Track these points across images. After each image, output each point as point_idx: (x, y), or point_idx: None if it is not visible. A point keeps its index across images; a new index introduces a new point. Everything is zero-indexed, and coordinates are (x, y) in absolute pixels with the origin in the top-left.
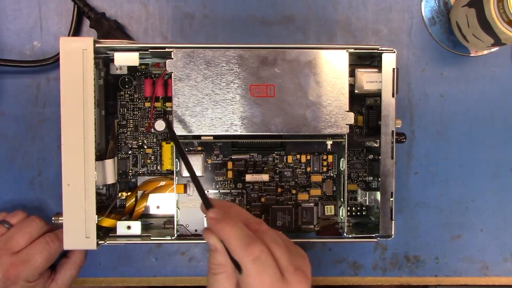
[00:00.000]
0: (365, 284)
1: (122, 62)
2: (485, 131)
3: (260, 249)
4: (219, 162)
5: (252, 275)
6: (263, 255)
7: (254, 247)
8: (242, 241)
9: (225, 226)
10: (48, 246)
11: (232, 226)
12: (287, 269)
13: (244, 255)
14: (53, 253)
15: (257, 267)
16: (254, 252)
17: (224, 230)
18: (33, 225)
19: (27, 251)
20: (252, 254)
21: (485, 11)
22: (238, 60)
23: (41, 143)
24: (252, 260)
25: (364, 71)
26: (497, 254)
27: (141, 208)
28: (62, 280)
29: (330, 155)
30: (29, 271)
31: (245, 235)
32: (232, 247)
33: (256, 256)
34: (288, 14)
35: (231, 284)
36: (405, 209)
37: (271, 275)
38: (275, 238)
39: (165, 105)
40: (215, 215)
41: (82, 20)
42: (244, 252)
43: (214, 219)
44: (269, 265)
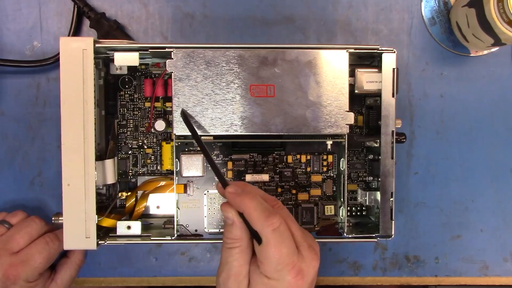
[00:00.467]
0: (365, 284)
1: (122, 62)
2: (485, 131)
3: (280, 220)
4: (219, 162)
5: (272, 244)
6: (282, 226)
7: (274, 218)
8: (263, 212)
9: (245, 198)
10: (47, 246)
11: (252, 199)
12: (302, 244)
13: (264, 225)
14: (52, 253)
15: (276, 237)
16: (274, 223)
17: (245, 202)
18: (33, 225)
19: (26, 251)
20: (272, 225)
21: (485, 11)
22: (238, 60)
23: (41, 143)
24: (272, 230)
25: (364, 71)
26: (497, 254)
27: (141, 208)
28: (62, 280)
29: (330, 155)
30: (29, 271)
31: (265, 208)
32: (253, 218)
33: (276, 226)
34: (288, 14)
35: (246, 259)
36: (405, 209)
37: (288, 246)
38: (289, 214)
39: (165, 105)
40: (235, 189)
41: (82, 20)
42: (264, 222)
43: (234, 193)
44: (287, 237)
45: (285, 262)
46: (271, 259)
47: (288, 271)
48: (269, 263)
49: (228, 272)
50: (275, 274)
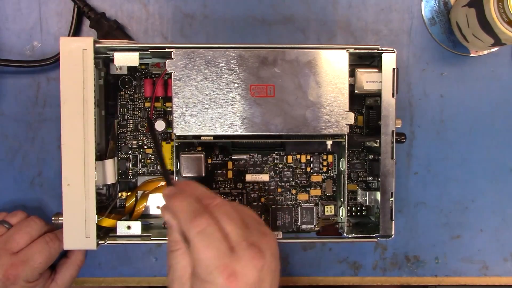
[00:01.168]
0: (365, 284)
1: (122, 62)
2: (485, 131)
3: (207, 222)
4: (219, 162)
5: (198, 247)
6: (209, 228)
7: (200, 220)
8: (189, 214)
9: (174, 200)
10: (47, 246)
11: (181, 200)
12: (238, 243)
13: (190, 227)
14: (52, 253)
15: (202, 239)
16: (200, 224)
17: (174, 205)
18: (33, 225)
19: (26, 251)
20: (197, 227)
21: (485, 11)
22: (238, 60)
23: (41, 143)
24: (197, 232)
25: (364, 71)
26: (497, 254)
27: (141, 208)
28: (62, 280)
29: (330, 155)
30: (29, 271)
31: (193, 209)
32: (180, 221)
33: (202, 228)
34: (288, 14)
35: (188, 261)
36: (405, 209)
37: (217, 248)
38: (228, 212)
39: (165, 105)
40: (169, 191)
41: (82, 20)
42: (189, 225)
43: (166, 195)
44: (215, 238)
45: (214, 264)
46: (200, 262)
47: (219, 273)
48: (199, 266)
49: (173, 275)
50: (207, 277)
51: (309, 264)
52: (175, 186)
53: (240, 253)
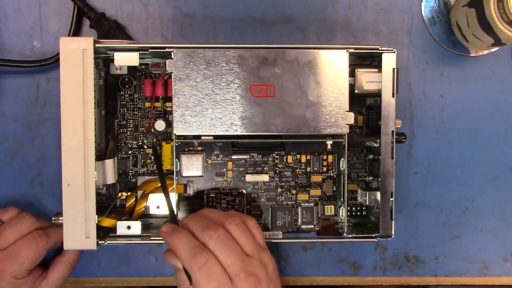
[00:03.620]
0: (365, 284)
1: (122, 62)
2: (485, 131)
3: (206, 257)
4: (219, 162)
5: (199, 282)
6: (209, 262)
7: (200, 256)
8: (189, 252)
9: (174, 239)
10: (35, 242)
11: (179, 239)
12: (237, 275)
13: (191, 264)
14: (40, 249)
15: (203, 274)
16: (200, 260)
17: (174, 243)
18: (23, 221)
19: (13, 247)
20: (197, 263)
21: (485, 11)
22: (238, 60)
23: (41, 143)
24: (198, 268)
25: (364, 71)
26: (497, 254)
27: (141, 208)
28: (54, 279)
29: (330, 155)
30: (16, 267)
31: (192, 246)
32: (181, 258)
33: (202, 264)
34: (288, 14)
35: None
36: (405, 209)
37: (218, 281)
38: (228, 244)
39: (165, 105)
40: (167, 229)
41: (82, 20)
42: (190, 262)
43: (164, 233)
44: (215, 272)
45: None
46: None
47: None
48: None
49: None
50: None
51: (309, 264)
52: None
53: (239, 284)
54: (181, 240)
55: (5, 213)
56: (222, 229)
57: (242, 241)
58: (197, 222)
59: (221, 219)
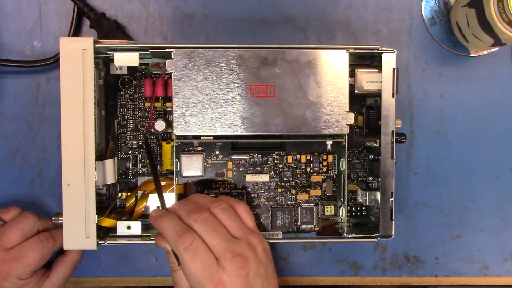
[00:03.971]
0: (365, 284)
1: (122, 62)
2: (485, 131)
3: (192, 238)
4: (219, 162)
5: (185, 262)
6: (194, 243)
7: (185, 237)
8: (175, 233)
9: (161, 222)
10: (41, 245)
11: (166, 222)
12: (223, 255)
13: (177, 245)
14: (46, 252)
15: (188, 254)
16: (185, 241)
17: (161, 227)
18: (25, 221)
19: (19, 248)
20: (183, 244)
21: (485, 11)
22: (238, 60)
23: (41, 143)
24: (183, 248)
25: (364, 71)
26: (497, 254)
27: (141, 208)
28: (57, 278)
29: (330, 155)
30: (21, 268)
31: (178, 228)
32: (168, 241)
33: (187, 244)
34: (288, 14)
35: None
36: (405, 209)
37: (203, 260)
38: (213, 226)
39: (165, 105)
40: (155, 213)
41: (82, 20)
42: (177, 243)
43: (153, 217)
44: (201, 251)
45: (202, 275)
46: (189, 276)
47: (207, 283)
48: (189, 279)
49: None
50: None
51: (309, 264)
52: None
53: (225, 264)
54: (168, 223)
55: (7, 213)
56: (207, 212)
57: (228, 223)
58: (184, 206)
59: (207, 204)
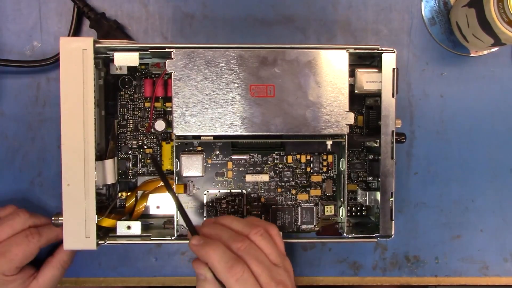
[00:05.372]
0: (365, 284)
1: (122, 62)
2: (485, 131)
3: (243, 269)
4: (219, 162)
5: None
6: (245, 274)
7: (236, 269)
8: (225, 264)
9: (208, 251)
10: (26, 240)
11: (214, 251)
12: (268, 284)
13: (228, 277)
14: (31, 247)
15: (240, 286)
16: (237, 273)
17: (208, 256)
18: (16, 218)
19: (5, 243)
20: (235, 275)
21: (485, 11)
22: (238, 60)
23: (41, 143)
24: (235, 280)
25: (364, 71)
26: (497, 254)
27: (141, 208)
28: (44, 279)
29: (330, 155)
30: (5, 263)
31: (228, 258)
32: (217, 270)
33: (239, 276)
34: (288, 14)
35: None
36: (405, 209)
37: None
38: (257, 255)
39: (165, 105)
40: (197, 241)
41: (82, 20)
42: (228, 274)
43: (197, 245)
44: (251, 284)
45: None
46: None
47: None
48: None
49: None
50: None
51: (309, 264)
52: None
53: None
54: (216, 252)
55: (3, 211)
56: (249, 240)
57: (268, 251)
58: (224, 233)
59: (245, 229)
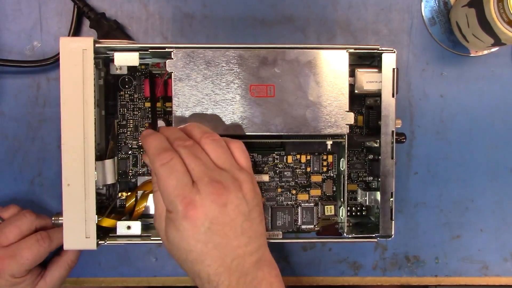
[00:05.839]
0: (365, 284)
1: (122, 62)
2: (485, 131)
3: (171, 156)
4: None
5: (160, 177)
6: (172, 161)
7: (165, 154)
8: (156, 150)
9: (147, 139)
10: (37, 244)
11: (152, 139)
12: (200, 178)
13: (155, 161)
14: (42, 251)
15: (164, 170)
16: (164, 158)
17: (146, 143)
18: (23, 219)
19: (15, 246)
20: (161, 160)
21: (485, 11)
22: (238, 60)
23: (41, 143)
24: (160, 165)
25: (364, 71)
26: (497, 254)
27: (141, 208)
28: (51, 279)
29: (330, 155)
30: (15, 266)
31: (161, 146)
32: (148, 155)
33: (165, 161)
34: (288, 14)
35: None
36: (405, 209)
37: (177, 178)
38: (196, 152)
39: (165, 105)
40: (146, 132)
41: (82, 20)
42: (155, 158)
43: (142, 136)
44: (177, 170)
45: (174, 193)
46: (162, 192)
47: (179, 201)
48: (163, 197)
49: (156, 212)
50: (170, 206)
51: (309, 264)
52: (149, 128)
53: (200, 186)
54: (153, 141)
55: (6, 211)
56: (193, 141)
57: (215, 155)
58: (174, 132)
59: (199, 134)
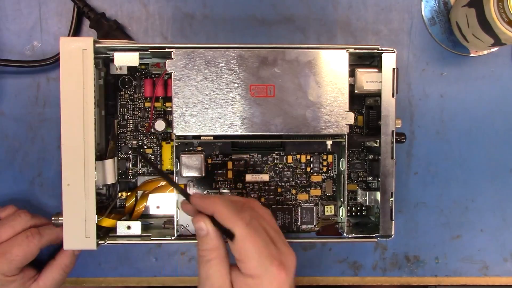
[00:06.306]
0: (365, 284)
1: (122, 62)
2: (485, 131)
3: (251, 215)
4: (219, 162)
5: (246, 237)
6: (254, 221)
7: (245, 213)
8: (233, 209)
9: (213, 199)
10: (27, 240)
11: (220, 199)
12: (277, 239)
13: (237, 220)
14: (32, 247)
15: (249, 229)
16: (245, 217)
17: (215, 203)
18: (17, 219)
19: (6, 244)
20: (244, 219)
21: (485, 11)
22: (238, 60)
23: (41, 143)
24: (244, 223)
25: (364, 71)
26: (497, 254)
27: (141, 208)
28: (45, 282)
29: (330, 155)
30: (5, 264)
31: (235, 206)
32: (224, 215)
33: (248, 220)
34: (288, 14)
35: (226, 268)
36: (405, 209)
37: (263, 239)
38: (261, 215)
39: (165, 105)
40: (199, 195)
41: (82, 20)
42: (236, 217)
43: (199, 198)
44: (260, 230)
45: (265, 253)
46: (250, 253)
47: (270, 262)
48: (249, 258)
49: (212, 286)
50: (258, 269)
51: (309, 264)
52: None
53: (280, 247)
54: (222, 200)
55: (3, 211)
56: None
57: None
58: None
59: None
